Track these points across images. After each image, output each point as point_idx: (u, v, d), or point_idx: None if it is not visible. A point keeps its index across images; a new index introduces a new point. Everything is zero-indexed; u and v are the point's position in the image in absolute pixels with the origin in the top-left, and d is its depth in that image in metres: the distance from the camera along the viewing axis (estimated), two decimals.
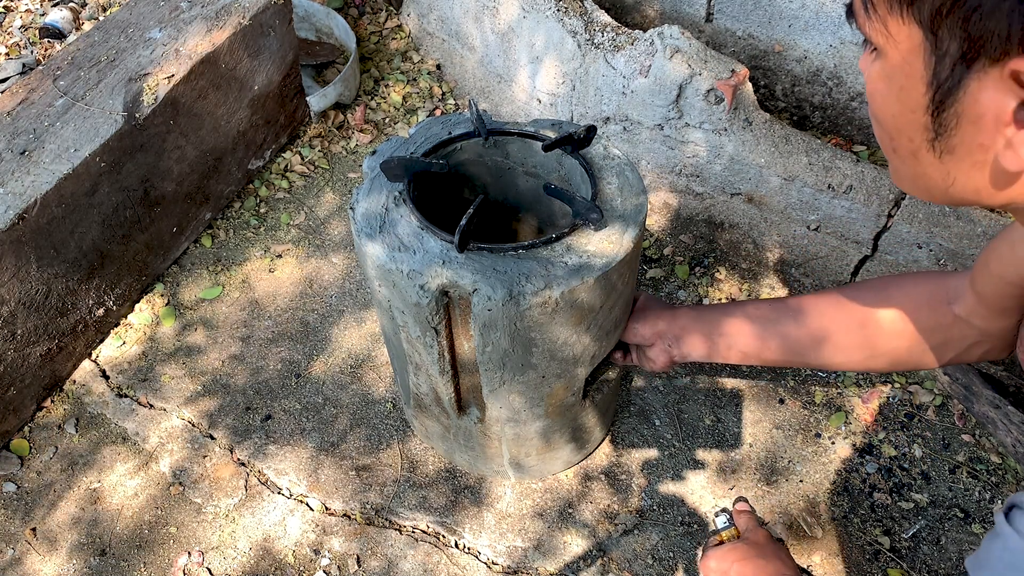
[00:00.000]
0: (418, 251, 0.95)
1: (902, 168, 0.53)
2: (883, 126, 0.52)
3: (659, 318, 1.09)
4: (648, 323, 1.09)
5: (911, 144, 0.50)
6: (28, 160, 1.38)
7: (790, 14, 1.83)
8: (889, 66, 0.48)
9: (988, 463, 1.40)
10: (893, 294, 0.93)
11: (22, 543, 1.34)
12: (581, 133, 1.04)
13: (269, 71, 1.78)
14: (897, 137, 0.51)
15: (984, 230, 1.42)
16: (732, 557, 0.90)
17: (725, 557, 0.91)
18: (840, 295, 0.97)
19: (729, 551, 0.91)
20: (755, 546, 0.91)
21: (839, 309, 0.96)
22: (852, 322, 0.95)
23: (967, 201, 0.51)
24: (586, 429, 1.30)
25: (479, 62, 1.99)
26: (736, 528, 0.97)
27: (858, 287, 0.97)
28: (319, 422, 1.48)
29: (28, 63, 2.11)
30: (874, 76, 0.50)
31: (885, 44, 0.47)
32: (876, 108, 0.52)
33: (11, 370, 1.40)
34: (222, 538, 1.34)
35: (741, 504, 1.01)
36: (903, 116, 0.49)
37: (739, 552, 0.90)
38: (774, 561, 0.88)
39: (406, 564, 1.30)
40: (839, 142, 1.87)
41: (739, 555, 0.90)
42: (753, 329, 1.02)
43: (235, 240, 1.80)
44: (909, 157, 0.51)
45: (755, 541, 0.92)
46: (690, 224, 1.76)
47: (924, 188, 0.53)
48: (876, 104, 0.51)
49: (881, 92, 0.50)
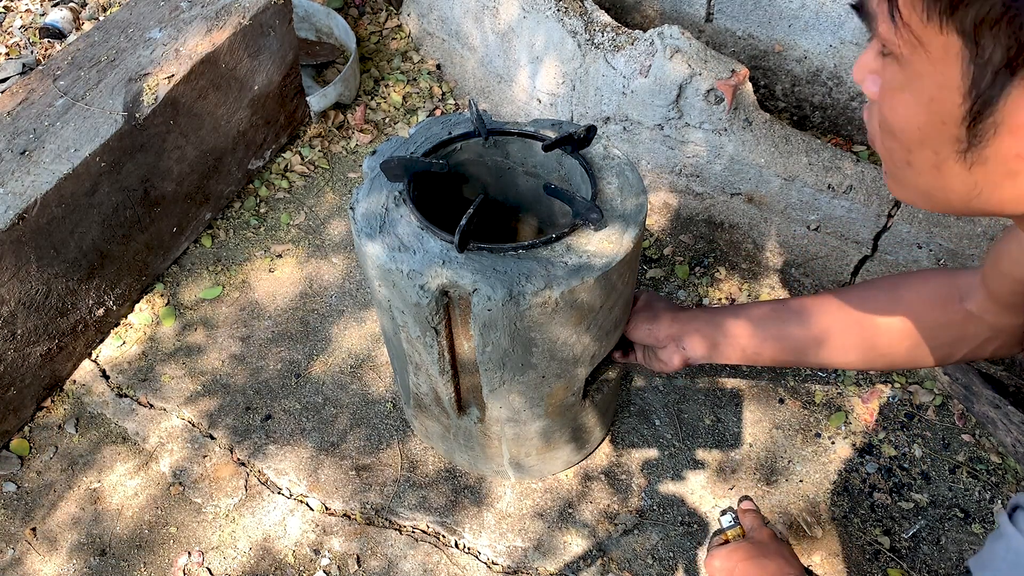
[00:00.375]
0: (418, 251, 0.95)
1: (917, 180, 0.50)
2: (901, 138, 0.48)
3: (674, 320, 1.08)
4: (662, 325, 1.08)
5: (935, 157, 0.47)
6: (28, 160, 1.38)
7: (790, 14, 1.83)
8: (914, 76, 0.45)
9: (988, 463, 1.40)
10: (903, 294, 0.92)
11: (22, 543, 1.34)
12: (581, 133, 1.04)
13: (269, 71, 1.78)
14: (918, 149, 0.48)
15: (984, 230, 1.42)
16: (737, 556, 0.90)
17: (730, 556, 0.91)
18: (849, 296, 0.96)
19: (734, 550, 0.91)
20: (760, 545, 0.91)
21: (850, 309, 0.95)
22: (864, 322, 0.94)
23: (986, 211, 0.49)
24: (586, 429, 1.30)
25: (479, 62, 1.99)
26: (741, 527, 0.97)
27: (867, 287, 0.96)
28: (319, 422, 1.48)
29: (28, 63, 2.11)
30: (891, 86, 0.47)
31: (911, 53, 0.44)
32: (895, 120, 0.48)
33: (11, 370, 1.40)
34: (222, 538, 1.34)
35: (746, 503, 1.00)
36: (931, 127, 0.46)
37: (744, 551, 0.90)
38: (779, 561, 0.88)
39: (406, 564, 1.30)
40: (839, 142, 1.87)
41: (744, 554, 0.90)
42: (765, 331, 1.01)
43: (235, 240, 1.80)
44: (930, 170, 0.48)
45: (760, 540, 0.92)
46: (690, 224, 1.76)
47: (941, 200, 0.50)
48: (896, 116, 0.48)
49: (904, 103, 0.47)
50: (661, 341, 1.09)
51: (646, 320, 1.10)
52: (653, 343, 1.10)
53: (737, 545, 0.92)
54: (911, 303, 0.91)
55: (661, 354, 1.10)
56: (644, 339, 1.11)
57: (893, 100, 0.47)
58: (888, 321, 0.92)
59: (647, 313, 1.11)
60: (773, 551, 0.89)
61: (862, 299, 0.95)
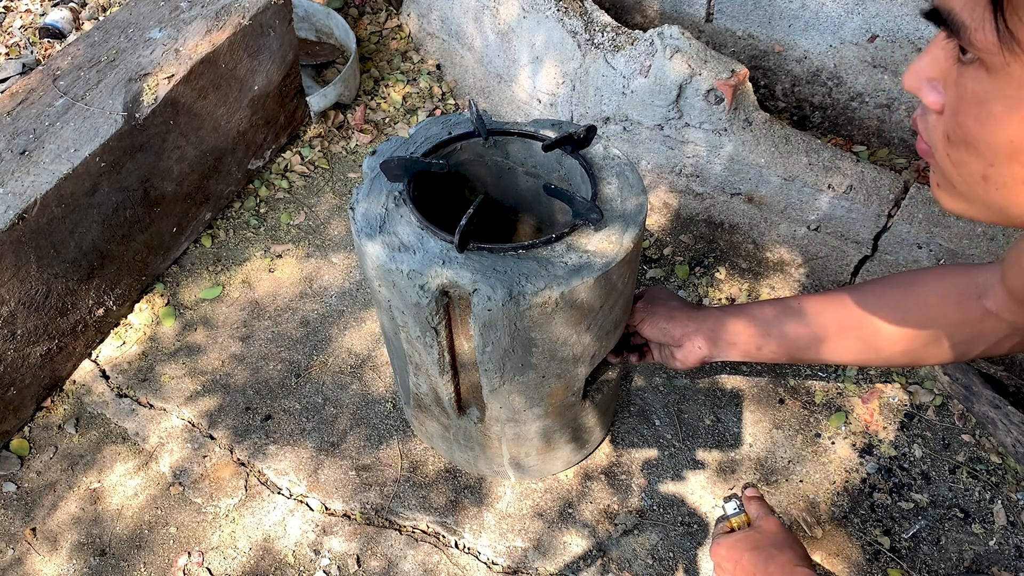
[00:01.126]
0: (418, 251, 0.95)
1: (991, 195, 0.47)
2: (983, 151, 0.45)
3: (690, 319, 1.06)
4: (677, 324, 1.07)
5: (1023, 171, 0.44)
6: (28, 160, 1.38)
7: (790, 14, 1.83)
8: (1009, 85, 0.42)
9: (988, 463, 1.40)
10: (920, 290, 0.91)
11: (22, 543, 1.34)
12: (581, 133, 1.04)
13: (269, 71, 1.78)
14: (1004, 164, 0.45)
15: (984, 231, 1.42)
16: (744, 545, 0.89)
17: (737, 545, 0.90)
18: (865, 293, 0.95)
19: (742, 539, 0.90)
20: (768, 535, 0.90)
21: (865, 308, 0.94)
22: (880, 320, 0.93)
23: None
24: (586, 429, 1.30)
25: (479, 62, 1.99)
26: (746, 515, 0.96)
27: (882, 283, 0.95)
28: (319, 422, 1.48)
29: (28, 63, 2.11)
30: (975, 96, 0.44)
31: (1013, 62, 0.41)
32: (978, 132, 0.45)
33: (11, 370, 1.40)
34: (222, 538, 1.34)
35: (751, 490, 0.99)
36: None
37: (752, 541, 0.89)
38: (787, 552, 0.87)
39: (406, 564, 1.30)
40: (839, 142, 1.87)
41: (751, 544, 0.89)
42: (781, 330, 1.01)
43: (235, 240, 1.80)
44: (1013, 185, 0.45)
45: (768, 530, 0.91)
46: (690, 224, 1.76)
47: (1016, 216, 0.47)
48: (981, 127, 0.45)
49: (993, 114, 0.44)
50: (677, 340, 1.08)
51: (661, 318, 1.09)
52: (669, 342, 1.09)
53: (745, 534, 0.91)
54: (928, 300, 0.90)
55: (678, 353, 1.09)
56: (659, 338, 1.10)
57: (977, 110, 0.44)
58: (904, 318, 0.91)
59: (663, 311, 1.09)
60: (782, 542, 0.88)
61: (878, 296, 0.93)
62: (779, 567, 0.85)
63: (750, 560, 0.87)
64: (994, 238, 1.42)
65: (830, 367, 1.55)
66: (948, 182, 0.50)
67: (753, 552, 0.88)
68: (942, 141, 0.49)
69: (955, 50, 0.45)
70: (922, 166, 1.75)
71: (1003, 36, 0.40)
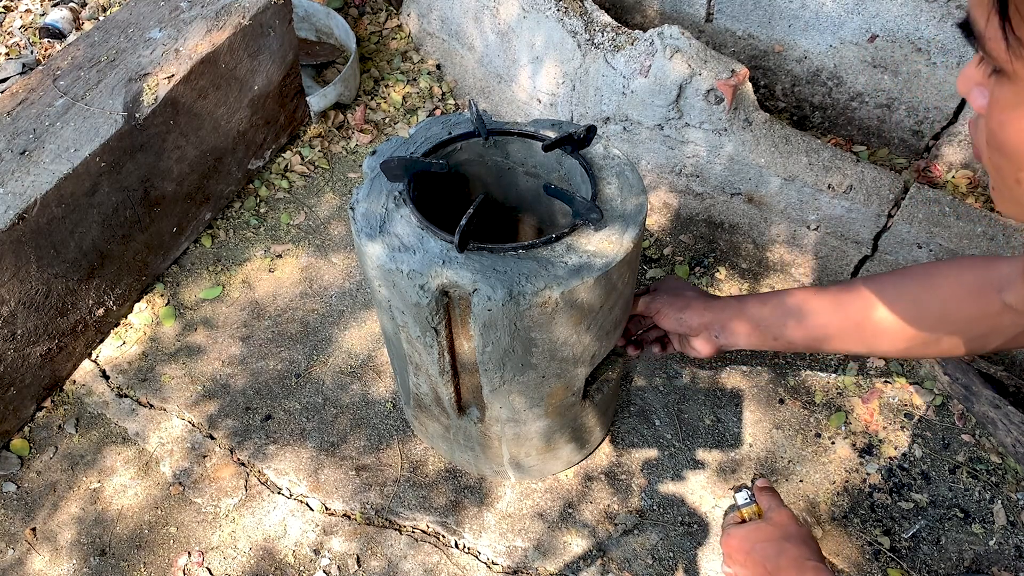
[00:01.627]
0: (418, 251, 0.95)
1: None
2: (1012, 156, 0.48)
3: (706, 309, 1.06)
4: (694, 313, 1.07)
5: None
6: (28, 160, 1.38)
7: (790, 14, 1.83)
8: None
9: (988, 463, 1.40)
10: (939, 282, 0.90)
11: (22, 543, 1.34)
12: (581, 133, 1.04)
13: (269, 71, 1.78)
14: None
15: (984, 230, 1.42)
16: (756, 537, 0.89)
17: (748, 536, 0.89)
18: (883, 285, 0.94)
19: (754, 530, 0.90)
20: (780, 527, 0.89)
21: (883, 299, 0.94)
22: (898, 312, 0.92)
23: None
24: (586, 429, 1.30)
25: (479, 62, 1.99)
26: (758, 505, 0.95)
27: (901, 275, 0.95)
28: (319, 422, 1.48)
29: (28, 63, 2.11)
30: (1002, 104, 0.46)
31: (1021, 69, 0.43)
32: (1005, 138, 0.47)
33: (11, 370, 1.40)
34: (222, 538, 1.34)
35: (762, 481, 0.99)
36: None
37: (764, 532, 0.89)
38: (800, 545, 0.86)
39: (406, 564, 1.30)
40: (839, 142, 1.87)
41: (764, 535, 0.88)
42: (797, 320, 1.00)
43: (235, 240, 1.80)
44: None
45: (779, 522, 0.90)
46: (690, 224, 1.76)
47: None
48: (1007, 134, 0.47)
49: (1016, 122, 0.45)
50: (694, 330, 1.07)
51: (677, 308, 1.08)
52: (685, 332, 1.09)
53: (758, 525, 0.91)
54: (946, 293, 0.89)
55: (694, 342, 1.09)
56: (675, 328, 1.10)
57: (1004, 117, 0.46)
58: (921, 313, 0.90)
59: (678, 302, 1.09)
60: (793, 535, 0.88)
61: (896, 287, 0.93)
62: (790, 560, 0.85)
63: (761, 552, 0.86)
64: (994, 238, 1.42)
65: (830, 364, 1.55)
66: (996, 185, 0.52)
67: (764, 544, 0.87)
68: (984, 145, 0.50)
69: None
70: (922, 166, 1.75)
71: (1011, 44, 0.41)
